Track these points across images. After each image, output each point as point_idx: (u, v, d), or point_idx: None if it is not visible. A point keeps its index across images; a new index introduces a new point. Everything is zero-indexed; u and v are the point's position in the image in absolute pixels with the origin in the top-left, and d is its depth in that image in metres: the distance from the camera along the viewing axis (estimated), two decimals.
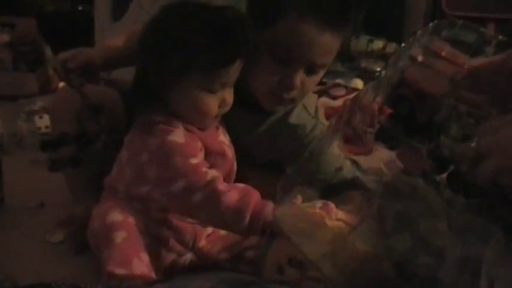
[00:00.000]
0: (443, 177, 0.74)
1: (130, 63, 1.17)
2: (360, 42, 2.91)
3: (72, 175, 1.30)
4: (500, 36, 0.76)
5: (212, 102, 1.03)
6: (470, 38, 0.76)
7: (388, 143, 0.79)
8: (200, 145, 1.03)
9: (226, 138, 1.14)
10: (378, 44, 2.89)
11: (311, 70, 1.12)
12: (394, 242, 0.70)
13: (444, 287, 0.67)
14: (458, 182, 0.71)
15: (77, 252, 1.22)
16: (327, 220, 0.84)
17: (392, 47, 2.80)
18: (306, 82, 1.13)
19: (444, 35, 0.77)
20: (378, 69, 2.69)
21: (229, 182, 1.11)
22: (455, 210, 0.70)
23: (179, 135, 1.01)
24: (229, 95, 1.05)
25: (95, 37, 2.41)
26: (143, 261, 0.96)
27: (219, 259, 1.12)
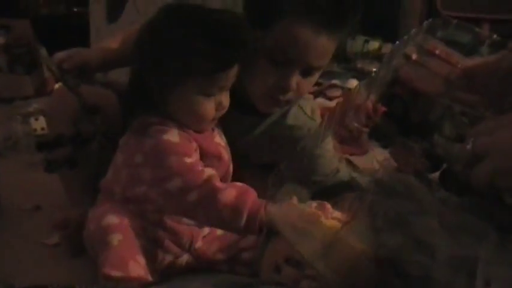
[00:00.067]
0: (436, 175, 0.74)
1: (126, 64, 1.17)
2: (356, 43, 2.92)
3: (68, 177, 1.30)
4: (494, 36, 0.76)
5: (209, 105, 1.03)
6: (464, 38, 0.76)
7: (382, 142, 0.79)
8: (195, 146, 1.03)
9: (222, 140, 1.14)
10: (374, 45, 2.89)
11: (307, 72, 1.12)
12: (386, 239, 0.70)
13: (437, 285, 0.67)
14: (451, 181, 0.71)
15: (73, 254, 1.22)
16: (323, 219, 0.84)
17: (388, 48, 2.80)
18: (302, 84, 1.13)
19: (439, 35, 0.77)
20: (374, 69, 2.68)
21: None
22: (448, 208, 0.70)
23: (173, 134, 1.01)
24: (225, 98, 1.05)
25: (90, 39, 2.41)
26: (139, 263, 0.96)
27: (216, 260, 1.12)
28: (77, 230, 1.12)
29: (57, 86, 1.31)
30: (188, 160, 0.99)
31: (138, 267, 0.95)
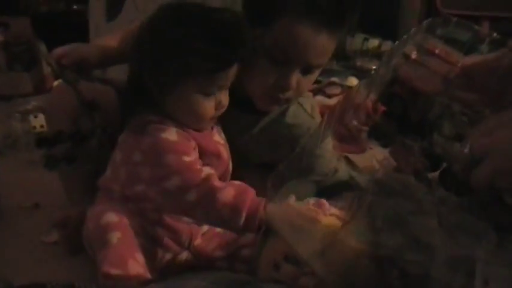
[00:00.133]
0: (435, 175, 0.74)
1: (124, 61, 1.17)
2: (355, 41, 2.91)
3: (67, 175, 1.30)
4: (494, 34, 0.76)
5: (209, 105, 1.03)
6: (464, 36, 0.76)
7: (382, 141, 0.79)
8: (194, 144, 1.03)
9: (221, 138, 1.14)
10: (373, 43, 2.89)
11: (307, 70, 1.12)
12: (385, 239, 0.70)
13: (436, 285, 0.67)
14: (450, 180, 0.71)
15: (72, 253, 1.22)
16: (321, 216, 0.85)
17: (387, 46, 2.80)
18: (302, 82, 1.12)
19: (438, 33, 0.77)
20: (373, 67, 2.69)
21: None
22: (447, 208, 0.70)
23: (172, 133, 1.01)
24: (225, 97, 1.05)
25: (90, 37, 2.41)
26: (138, 261, 0.96)
27: (215, 257, 1.12)
28: (76, 228, 1.12)
29: (56, 84, 1.31)
30: (187, 159, 0.99)
31: (137, 265, 0.96)
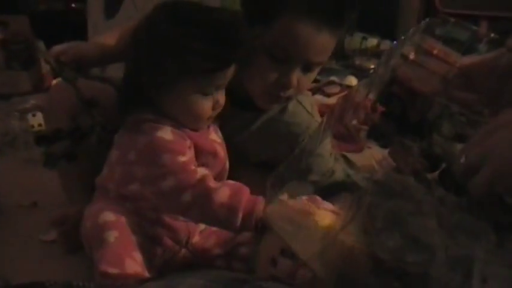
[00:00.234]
0: (435, 175, 0.74)
1: (123, 60, 1.17)
2: (354, 40, 2.92)
3: (66, 173, 1.30)
4: (492, 34, 0.76)
5: (206, 104, 1.03)
6: (462, 36, 0.76)
7: (381, 141, 0.79)
8: (189, 143, 1.03)
9: (217, 136, 1.14)
10: (372, 42, 2.90)
11: (307, 68, 1.12)
12: (384, 240, 0.70)
13: (435, 285, 0.67)
14: (449, 180, 0.71)
15: (70, 251, 1.22)
16: (314, 209, 0.86)
17: (386, 45, 2.81)
18: (302, 80, 1.13)
19: (437, 33, 0.77)
20: (372, 66, 2.70)
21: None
22: (446, 208, 0.70)
23: (167, 132, 1.01)
24: (222, 97, 1.05)
25: (88, 35, 2.41)
26: (136, 260, 0.96)
27: (213, 255, 1.12)
28: (74, 227, 1.12)
29: (54, 82, 1.31)
30: (181, 159, 0.99)
31: (135, 264, 0.95)
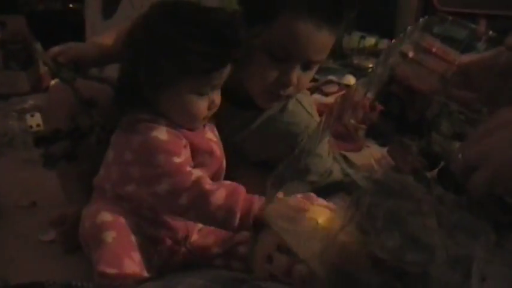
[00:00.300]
0: (433, 174, 0.74)
1: (120, 60, 1.17)
2: (352, 39, 2.92)
3: (65, 173, 1.30)
4: (491, 32, 0.76)
5: (202, 104, 1.03)
6: (461, 35, 0.76)
7: (379, 140, 0.79)
8: (184, 142, 1.03)
9: (214, 135, 1.13)
10: (370, 41, 2.90)
11: (307, 66, 1.12)
12: (384, 240, 0.70)
13: (435, 285, 0.67)
14: (448, 179, 0.71)
15: (69, 251, 1.22)
16: (308, 205, 0.87)
17: (384, 44, 2.81)
18: (302, 78, 1.13)
19: (435, 32, 0.77)
20: (370, 65, 2.70)
21: (218, 181, 1.11)
22: (445, 207, 0.70)
23: (162, 132, 1.00)
24: (217, 97, 1.05)
25: (86, 35, 2.40)
26: (134, 260, 0.96)
27: (212, 254, 1.12)
28: (73, 227, 1.11)
29: (52, 82, 1.30)
30: (176, 160, 0.99)
31: (133, 264, 0.95)
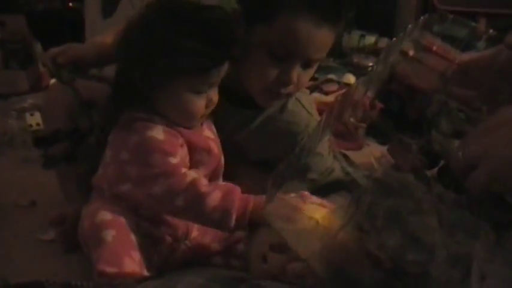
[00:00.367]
0: (433, 172, 0.74)
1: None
2: (352, 37, 2.92)
3: (64, 173, 1.30)
4: (491, 31, 0.75)
5: (200, 103, 1.03)
6: (461, 33, 0.76)
7: (379, 139, 0.79)
8: (181, 141, 1.02)
9: (211, 132, 1.13)
10: (370, 40, 2.90)
11: (307, 64, 1.12)
12: (385, 239, 0.70)
13: (434, 284, 0.67)
14: (448, 177, 0.71)
15: (69, 251, 1.22)
16: (302, 204, 0.87)
17: (384, 42, 2.81)
18: (302, 77, 1.13)
19: (435, 30, 0.76)
20: (370, 64, 2.70)
21: (217, 179, 1.12)
22: (445, 206, 0.70)
23: (158, 131, 1.00)
24: (215, 95, 1.05)
25: (86, 35, 2.40)
26: (134, 259, 0.95)
27: (212, 251, 1.12)
28: (73, 226, 1.11)
29: (52, 82, 1.30)
30: (172, 161, 0.99)
31: (133, 262, 0.95)
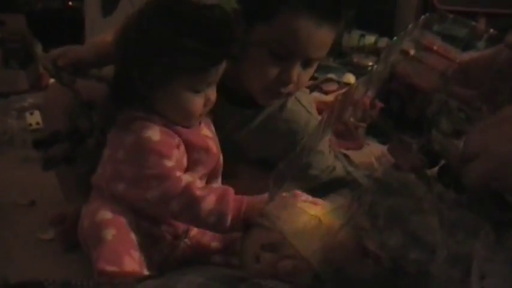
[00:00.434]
0: (434, 171, 0.74)
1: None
2: (352, 37, 2.93)
3: (64, 173, 1.30)
4: (491, 30, 0.75)
5: (198, 102, 1.02)
6: (461, 33, 0.76)
7: (380, 138, 0.79)
8: (177, 141, 1.02)
9: (210, 131, 1.13)
10: (370, 39, 2.90)
11: (307, 63, 1.12)
12: (386, 239, 0.70)
13: (435, 283, 0.67)
14: (449, 177, 0.71)
15: (68, 250, 1.22)
16: (295, 201, 0.89)
17: (384, 42, 2.81)
18: (302, 76, 1.13)
19: (435, 29, 0.76)
20: (370, 64, 2.70)
21: (216, 178, 1.12)
22: (445, 205, 0.69)
23: (155, 132, 1.00)
24: (213, 93, 1.05)
25: (85, 33, 2.40)
26: (134, 258, 0.95)
27: (211, 249, 1.12)
28: (73, 225, 1.11)
29: (52, 81, 1.30)
30: (167, 163, 0.98)
31: (133, 261, 0.95)
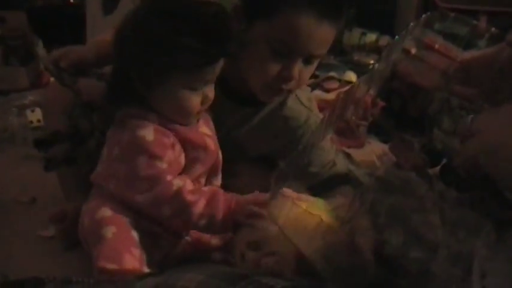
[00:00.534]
0: (435, 170, 0.74)
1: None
2: (353, 35, 2.92)
3: (64, 174, 1.30)
4: (493, 29, 0.75)
5: (195, 100, 1.02)
6: (462, 31, 0.76)
7: (381, 136, 0.79)
8: (172, 140, 1.01)
9: (208, 128, 1.12)
10: (371, 37, 2.90)
11: (308, 60, 1.12)
12: (388, 237, 0.70)
13: (436, 281, 0.67)
14: (450, 176, 0.71)
15: (69, 247, 1.22)
16: (290, 200, 0.88)
17: (385, 40, 2.81)
18: (303, 72, 1.13)
19: (436, 28, 0.76)
20: (371, 62, 2.70)
21: (216, 175, 1.12)
22: (447, 204, 0.70)
23: (149, 131, 0.99)
24: (210, 91, 1.04)
25: (86, 31, 2.40)
26: (134, 255, 0.95)
27: (211, 246, 1.12)
28: (73, 223, 1.11)
29: (52, 79, 1.30)
30: (159, 165, 0.98)
31: (133, 259, 0.95)
